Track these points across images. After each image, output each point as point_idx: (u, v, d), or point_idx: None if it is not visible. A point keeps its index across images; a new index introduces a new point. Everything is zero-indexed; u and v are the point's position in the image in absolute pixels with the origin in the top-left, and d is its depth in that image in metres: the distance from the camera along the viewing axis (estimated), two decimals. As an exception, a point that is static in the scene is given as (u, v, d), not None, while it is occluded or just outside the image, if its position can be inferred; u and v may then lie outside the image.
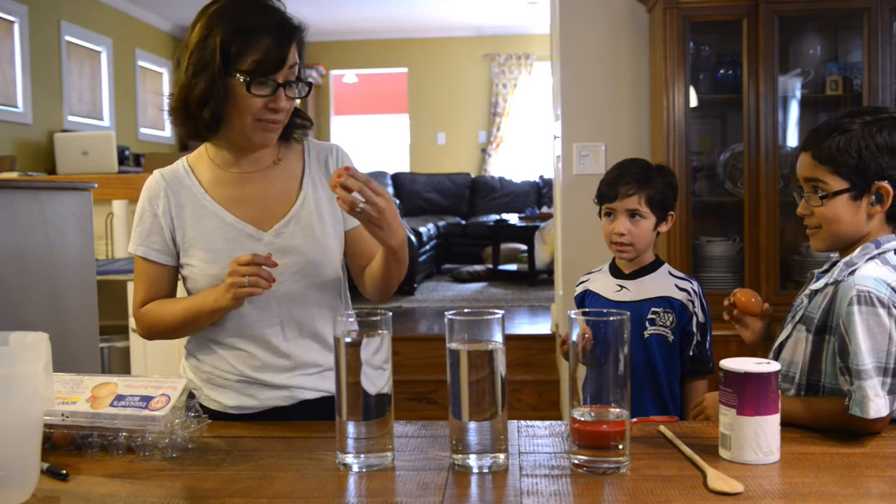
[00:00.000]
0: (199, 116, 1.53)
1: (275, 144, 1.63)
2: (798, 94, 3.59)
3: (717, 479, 1.16)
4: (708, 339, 1.99)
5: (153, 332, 1.64)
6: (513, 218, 7.87)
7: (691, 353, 1.96)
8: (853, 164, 1.45)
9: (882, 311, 1.37)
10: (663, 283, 1.97)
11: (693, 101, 3.45)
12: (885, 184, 1.44)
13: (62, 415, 1.37)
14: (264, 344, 1.61)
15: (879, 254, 1.46)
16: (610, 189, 1.98)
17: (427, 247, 7.38)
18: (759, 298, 1.67)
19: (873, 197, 1.46)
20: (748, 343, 1.69)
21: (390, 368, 1.28)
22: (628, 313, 1.22)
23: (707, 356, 1.98)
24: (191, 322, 1.59)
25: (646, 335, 1.93)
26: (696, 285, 1.99)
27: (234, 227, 1.59)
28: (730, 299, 1.68)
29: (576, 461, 1.23)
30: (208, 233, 1.59)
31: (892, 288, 1.40)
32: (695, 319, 1.95)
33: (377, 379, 1.27)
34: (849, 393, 1.36)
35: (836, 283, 1.46)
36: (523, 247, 7.40)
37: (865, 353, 1.35)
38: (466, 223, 8.53)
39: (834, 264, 1.53)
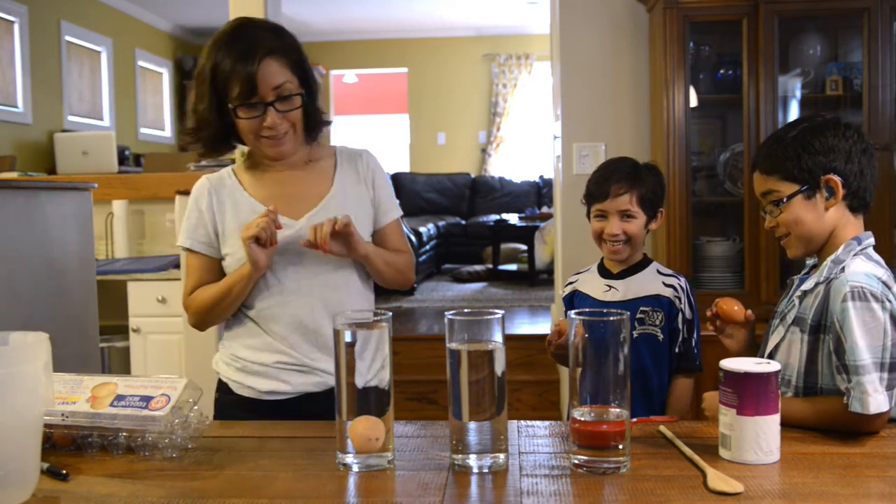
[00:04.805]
0: (206, 136, 1.73)
1: (303, 146, 1.78)
2: (798, 94, 3.58)
3: (717, 479, 1.16)
4: (695, 336, 1.95)
5: (198, 314, 1.77)
6: (513, 218, 7.86)
7: (677, 350, 1.93)
8: (797, 167, 1.51)
9: (876, 306, 1.38)
10: (651, 281, 1.95)
11: (693, 101, 3.45)
12: (832, 175, 1.50)
13: (62, 415, 1.37)
14: (300, 326, 1.72)
15: (861, 250, 1.49)
16: (599, 188, 1.94)
17: (427, 247, 7.38)
18: (741, 306, 1.66)
19: (825, 191, 1.50)
20: (733, 353, 1.65)
21: (390, 367, 1.29)
22: (628, 313, 1.22)
23: (693, 354, 1.95)
24: (226, 293, 1.71)
25: (634, 335, 1.89)
26: (683, 281, 1.96)
27: None
28: (713, 309, 1.68)
29: (576, 461, 1.23)
30: (244, 222, 1.70)
31: (883, 282, 1.42)
32: (681, 316, 1.92)
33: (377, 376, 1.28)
34: (847, 391, 1.36)
35: (828, 280, 1.47)
36: (523, 247, 7.39)
37: (863, 348, 1.36)
38: (466, 223, 8.52)
39: (814, 267, 1.56)
